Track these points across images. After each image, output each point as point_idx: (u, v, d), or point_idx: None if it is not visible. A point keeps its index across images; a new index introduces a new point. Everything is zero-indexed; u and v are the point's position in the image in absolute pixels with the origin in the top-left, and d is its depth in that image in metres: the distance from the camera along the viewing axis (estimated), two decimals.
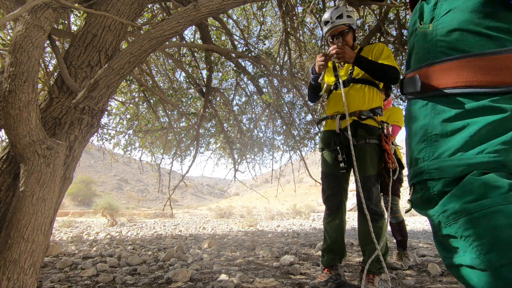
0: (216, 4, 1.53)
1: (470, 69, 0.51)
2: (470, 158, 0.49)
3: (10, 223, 1.08)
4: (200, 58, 4.67)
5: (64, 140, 1.32)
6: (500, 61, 0.50)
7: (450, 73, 0.53)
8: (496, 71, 0.50)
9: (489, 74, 0.50)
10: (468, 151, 0.50)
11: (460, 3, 0.53)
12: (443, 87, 0.54)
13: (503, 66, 0.50)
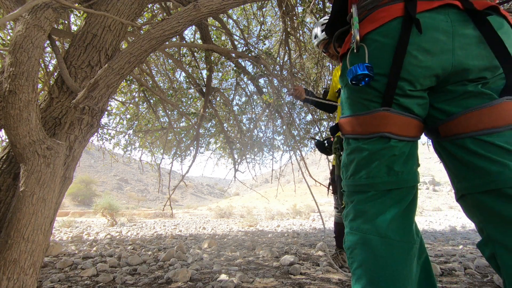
0: (216, 4, 1.53)
1: (353, 123, 0.79)
2: (356, 180, 0.79)
3: (10, 223, 1.08)
4: (200, 58, 4.67)
5: (64, 140, 1.32)
6: (364, 119, 0.76)
7: (347, 125, 0.82)
8: (363, 125, 0.77)
9: (361, 127, 0.77)
10: (355, 176, 0.79)
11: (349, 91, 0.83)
12: (345, 133, 0.83)
13: (365, 121, 0.76)
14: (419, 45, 0.68)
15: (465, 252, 3.21)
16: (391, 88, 0.71)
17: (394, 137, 0.73)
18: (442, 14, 0.69)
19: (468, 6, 0.68)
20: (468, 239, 4.69)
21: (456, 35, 0.68)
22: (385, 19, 0.72)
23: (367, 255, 0.69)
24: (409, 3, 0.69)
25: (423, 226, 8.36)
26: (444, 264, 2.51)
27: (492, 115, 0.65)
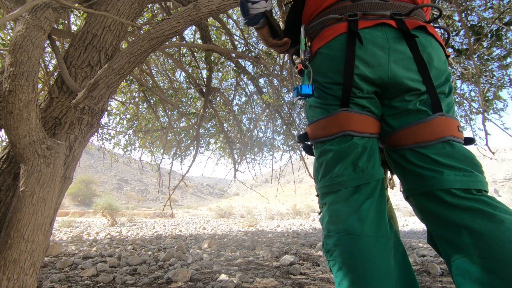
0: (216, 4, 1.53)
1: (317, 128, 0.85)
2: (326, 181, 0.81)
3: (10, 223, 1.08)
4: (200, 58, 4.67)
5: (64, 140, 1.32)
6: (326, 122, 0.82)
7: (312, 131, 0.87)
8: (326, 128, 0.82)
9: (324, 129, 0.82)
10: (325, 177, 0.82)
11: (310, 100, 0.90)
12: (312, 139, 0.88)
13: (326, 124, 0.81)
14: (360, 58, 0.77)
15: None
16: (347, 90, 0.78)
17: (356, 134, 0.79)
18: (379, 31, 0.78)
19: (401, 26, 0.77)
20: None
21: (391, 50, 0.77)
22: (332, 35, 0.82)
23: (346, 256, 0.71)
24: (352, 22, 0.79)
25: (423, 226, 8.35)
26: (444, 264, 2.50)
27: (426, 130, 0.75)
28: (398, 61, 0.76)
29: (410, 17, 0.81)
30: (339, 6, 0.84)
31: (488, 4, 3.12)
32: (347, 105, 0.79)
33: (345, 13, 0.82)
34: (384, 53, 0.77)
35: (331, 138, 0.81)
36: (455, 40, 3.51)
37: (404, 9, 0.82)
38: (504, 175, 29.33)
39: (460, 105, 4.71)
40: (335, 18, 0.83)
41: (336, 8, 0.84)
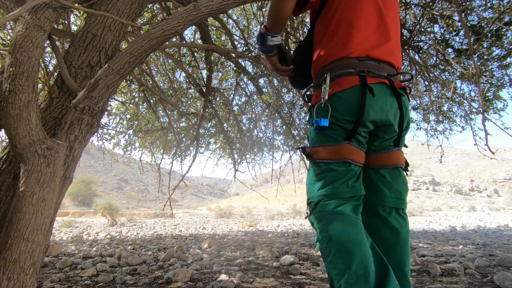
0: (216, 4, 1.53)
1: (324, 151, 1.06)
2: (325, 191, 1.02)
3: (10, 223, 1.08)
4: (200, 58, 4.67)
5: (64, 140, 1.32)
6: (333, 148, 1.04)
7: (319, 153, 1.08)
8: (331, 153, 1.04)
9: (330, 154, 1.05)
10: (323, 188, 1.04)
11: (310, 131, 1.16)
12: (317, 159, 1.08)
13: (334, 150, 1.04)
14: (370, 105, 1.04)
15: (465, 252, 3.21)
16: (355, 129, 1.04)
17: (353, 162, 1.04)
18: (380, 87, 1.06)
19: (392, 85, 1.08)
20: (468, 239, 4.69)
21: (388, 102, 1.07)
22: (349, 84, 1.06)
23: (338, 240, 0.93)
24: (362, 77, 1.05)
25: (423, 226, 8.36)
26: (444, 264, 2.50)
27: (388, 158, 1.10)
28: (391, 110, 1.07)
29: (394, 78, 1.12)
30: (349, 62, 1.08)
31: (488, 4, 3.11)
32: (350, 140, 1.05)
33: (356, 69, 1.07)
34: (384, 103, 1.05)
35: (335, 162, 1.04)
36: (455, 40, 3.51)
37: (391, 72, 1.11)
38: (504, 175, 29.33)
39: (460, 105, 4.71)
40: (349, 73, 1.07)
41: (346, 63, 1.09)
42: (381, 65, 1.10)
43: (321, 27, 1.19)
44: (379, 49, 1.11)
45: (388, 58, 1.12)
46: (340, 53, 1.09)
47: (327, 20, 1.16)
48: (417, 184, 27.48)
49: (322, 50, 1.15)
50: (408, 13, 3.71)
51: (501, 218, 11.79)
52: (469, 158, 40.06)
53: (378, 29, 1.12)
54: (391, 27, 1.15)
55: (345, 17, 1.11)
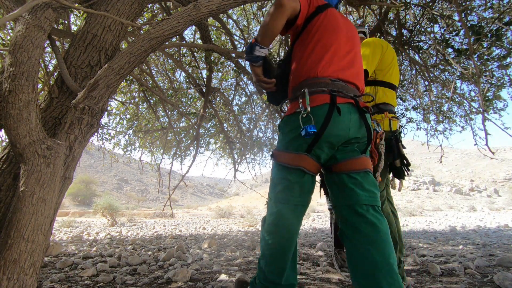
0: (216, 4, 1.53)
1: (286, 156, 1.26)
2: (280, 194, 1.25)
3: (10, 223, 1.08)
4: (200, 58, 4.67)
5: (64, 140, 1.32)
6: (293, 156, 1.22)
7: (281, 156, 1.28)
8: (290, 159, 1.23)
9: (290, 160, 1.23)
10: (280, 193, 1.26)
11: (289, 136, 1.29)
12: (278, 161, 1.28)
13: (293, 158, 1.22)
14: (336, 122, 1.19)
15: (465, 252, 3.21)
16: (314, 142, 1.20)
17: (306, 171, 1.22)
18: (346, 106, 1.23)
19: (357, 105, 1.25)
20: (468, 239, 4.68)
21: (351, 119, 1.23)
22: (320, 101, 1.21)
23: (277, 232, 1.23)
24: (333, 96, 1.21)
25: (423, 226, 8.36)
26: (444, 264, 2.50)
27: (357, 163, 1.24)
28: (353, 125, 1.24)
29: (358, 98, 1.30)
30: (323, 81, 1.25)
31: (488, 4, 3.11)
32: (309, 152, 1.22)
33: (328, 87, 1.23)
34: (348, 121, 1.23)
35: (291, 168, 1.23)
36: (455, 40, 3.50)
37: (356, 93, 1.29)
38: (504, 175, 29.32)
39: (460, 105, 4.71)
40: (322, 91, 1.23)
41: (320, 82, 1.25)
42: (349, 87, 1.28)
43: (300, 48, 1.37)
44: (348, 72, 1.30)
45: (355, 81, 1.31)
46: (315, 72, 1.27)
47: (306, 42, 1.34)
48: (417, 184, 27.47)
49: (300, 68, 1.33)
50: (408, 13, 3.71)
51: (501, 218, 11.79)
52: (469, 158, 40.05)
53: (348, 55, 1.33)
54: (357, 55, 1.39)
55: (321, 42, 1.30)
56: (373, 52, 1.77)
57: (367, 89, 1.86)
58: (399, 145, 1.76)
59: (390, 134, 1.75)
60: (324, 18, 1.33)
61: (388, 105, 1.81)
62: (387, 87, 1.83)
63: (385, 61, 1.82)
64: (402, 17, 3.73)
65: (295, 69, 1.35)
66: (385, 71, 1.82)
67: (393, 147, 1.72)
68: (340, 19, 1.39)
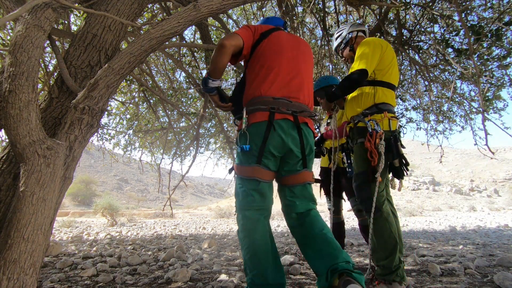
0: (216, 4, 1.53)
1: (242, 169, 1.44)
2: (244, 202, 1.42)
3: (10, 223, 1.08)
4: (200, 58, 4.67)
5: (64, 140, 1.32)
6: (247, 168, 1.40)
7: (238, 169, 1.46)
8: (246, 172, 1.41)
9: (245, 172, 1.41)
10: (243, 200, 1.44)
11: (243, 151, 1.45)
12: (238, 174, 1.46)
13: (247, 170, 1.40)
14: (273, 137, 1.38)
15: (465, 252, 3.21)
16: (260, 154, 1.38)
17: (261, 180, 1.40)
18: (284, 122, 1.40)
19: (295, 120, 1.42)
20: (468, 239, 4.69)
21: (289, 134, 1.40)
22: (260, 118, 1.39)
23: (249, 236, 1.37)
24: (271, 114, 1.38)
25: (423, 226, 8.36)
26: (444, 264, 2.51)
27: (297, 178, 1.44)
28: (292, 141, 1.41)
29: (301, 113, 1.45)
30: (265, 100, 1.42)
31: (488, 4, 3.11)
32: (259, 163, 1.39)
33: (268, 105, 1.40)
34: (286, 135, 1.40)
35: (248, 178, 1.41)
36: (455, 40, 3.51)
37: (299, 108, 1.44)
38: (504, 175, 29.32)
39: (460, 105, 4.71)
40: (262, 108, 1.40)
41: (263, 100, 1.42)
42: (292, 103, 1.43)
43: (249, 71, 1.54)
44: (291, 89, 1.46)
45: (299, 95, 1.48)
46: (260, 91, 1.44)
47: (253, 66, 1.52)
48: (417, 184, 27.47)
49: (249, 89, 1.51)
50: (408, 13, 3.71)
51: (501, 218, 11.79)
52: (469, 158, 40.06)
53: (292, 73, 1.49)
54: (304, 73, 1.54)
55: (266, 65, 1.48)
56: (373, 51, 1.77)
57: (366, 89, 1.85)
58: (397, 144, 1.74)
59: (389, 134, 1.75)
60: (267, 44, 1.52)
61: (387, 105, 1.80)
62: (386, 87, 1.82)
63: (385, 61, 1.81)
64: (402, 17, 3.73)
65: (246, 91, 1.55)
66: (385, 71, 1.82)
67: (392, 146, 1.72)
68: (285, 40, 1.56)
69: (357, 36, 2.06)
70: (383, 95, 1.81)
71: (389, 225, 1.68)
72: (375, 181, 1.68)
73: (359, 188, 1.76)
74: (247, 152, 1.40)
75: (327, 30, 3.69)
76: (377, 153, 1.67)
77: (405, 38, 3.76)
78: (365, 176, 1.73)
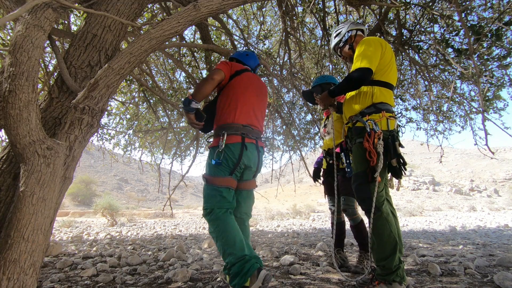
0: (216, 4, 1.53)
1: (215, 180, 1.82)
2: (214, 204, 1.80)
3: (10, 223, 1.08)
4: (200, 58, 4.67)
5: (64, 140, 1.32)
6: (222, 179, 1.81)
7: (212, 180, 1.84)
8: (221, 181, 1.80)
9: (219, 182, 1.81)
10: (216, 203, 1.82)
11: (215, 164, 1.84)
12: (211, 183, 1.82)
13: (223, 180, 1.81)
14: (244, 155, 1.81)
15: (465, 252, 3.21)
16: (235, 168, 1.79)
17: (231, 188, 1.81)
18: (250, 145, 1.85)
19: (257, 144, 1.90)
20: (468, 239, 4.69)
21: (252, 153, 1.86)
22: (235, 140, 1.81)
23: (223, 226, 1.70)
24: (243, 137, 1.82)
25: (423, 226, 8.36)
26: (444, 264, 2.51)
27: (248, 184, 1.95)
28: (253, 159, 1.88)
29: (259, 139, 1.94)
30: (237, 126, 1.83)
31: (488, 4, 3.11)
32: (232, 174, 1.80)
33: (239, 131, 1.83)
34: (252, 155, 1.87)
35: (222, 187, 1.77)
36: (455, 40, 3.50)
37: (258, 135, 1.93)
38: (504, 175, 29.32)
39: (460, 105, 4.71)
40: (236, 133, 1.82)
41: (235, 126, 1.83)
42: (254, 130, 1.90)
43: (222, 99, 1.93)
44: (253, 120, 1.92)
45: (258, 126, 1.96)
46: (232, 119, 1.85)
47: (225, 95, 1.91)
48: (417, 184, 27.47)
49: (221, 114, 1.90)
50: (408, 13, 3.71)
51: (501, 218, 11.79)
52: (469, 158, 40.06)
53: (254, 106, 1.95)
54: (262, 107, 2.04)
55: (235, 97, 1.89)
56: (374, 50, 1.76)
57: (364, 88, 1.85)
58: (395, 144, 1.74)
59: (387, 133, 1.74)
60: (240, 81, 1.93)
61: (385, 104, 1.80)
62: (384, 86, 1.82)
63: (384, 61, 1.81)
64: (402, 17, 3.73)
65: (218, 114, 1.93)
66: (383, 70, 1.81)
67: (390, 146, 1.71)
68: (251, 80, 1.99)
69: (356, 34, 2.06)
70: (381, 95, 1.80)
71: (389, 225, 1.68)
72: (374, 181, 1.67)
73: (358, 188, 1.76)
74: (220, 166, 1.77)
75: (327, 30, 3.69)
76: (376, 152, 1.66)
77: (405, 38, 3.76)
78: (364, 176, 1.72)
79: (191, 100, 1.79)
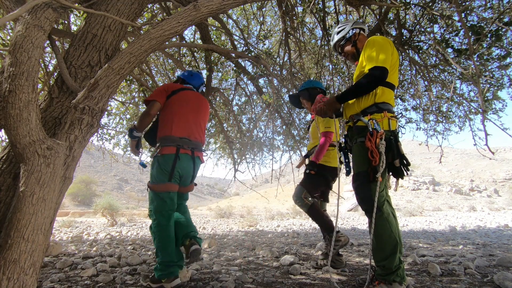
0: (216, 4, 1.53)
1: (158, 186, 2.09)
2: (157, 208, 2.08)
3: (10, 223, 1.08)
4: (200, 58, 4.67)
5: (64, 140, 1.32)
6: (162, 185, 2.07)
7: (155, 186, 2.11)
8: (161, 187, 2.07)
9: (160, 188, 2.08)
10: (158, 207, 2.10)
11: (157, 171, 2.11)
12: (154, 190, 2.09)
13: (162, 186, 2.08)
14: (178, 165, 2.06)
15: (465, 252, 3.21)
16: (171, 175, 2.03)
17: (172, 192, 2.05)
18: (185, 155, 2.11)
19: (192, 154, 2.16)
20: (468, 239, 4.69)
21: (188, 163, 2.14)
22: (170, 151, 2.05)
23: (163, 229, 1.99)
24: (178, 149, 2.06)
25: (423, 226, 8.36)
26: (444, 264, 2.51)
27: (186, 189, 2.25)
28: (189, 168, 2.14)
29: (196, 149, 2.18)
30: (173, 138, 2.07)
31: (488, 4, 3.11)
32: (170, 180, 2.02)
33: (175, 143, 2.07)
34: (187, 164, 2.12)
35: (163, 192, 2.01)
36: (455, 40, 3.50)
37: (196, 146, 2.18)
38: (504, 175, 29.31)
39: (459, 105, 4.71)
40: (172, 144, 2.06)
41: (172, 139, 2.07)
42: (191, 141, 2.14)
43: (161, 114, 2.18)
44: (191, 132, 2.15)
45: (196, 138, 2.19)
46: (169, 132, 2.09)
47: (165, 112, 2.15)
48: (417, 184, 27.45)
49: (160, 128, 2.15)
50: (408, 13, 3.71)
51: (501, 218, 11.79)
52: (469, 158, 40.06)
53: (192, 120, 2.19)
54: (201, 120, 2.27)
55: (173, 112, 2.13)
56: (386, 50, 1.76)
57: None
58: (398, 144, 1.73)
59: (389, 133, 1.74)
60: (177, 98, 2.18)
61: (387, 104, 1.80)
62: (387, 87, 1.82)
63: (391, 62, 1.81)
64: (402, 17, 3.73)
65: (159, 128, 2.17)
66: (389, 71, 1.81)
67: (393, 146, 1.71)
68: (190, 97, 2.24)
69: (360, 33, 2.06)
70: (384, 95, 1.80)
71: (389, 225, 1.67)
72: (375, 181, 1.66)
73: (359, 188, 1.75)
74: (160, 174, 2.02)
75: (327, 30, 3.69)
76: (378, 152, 1.66)
77: (405, 38, 3.76)
78: (366, 176, 1.72)
79: (134, 129, 2.16)
